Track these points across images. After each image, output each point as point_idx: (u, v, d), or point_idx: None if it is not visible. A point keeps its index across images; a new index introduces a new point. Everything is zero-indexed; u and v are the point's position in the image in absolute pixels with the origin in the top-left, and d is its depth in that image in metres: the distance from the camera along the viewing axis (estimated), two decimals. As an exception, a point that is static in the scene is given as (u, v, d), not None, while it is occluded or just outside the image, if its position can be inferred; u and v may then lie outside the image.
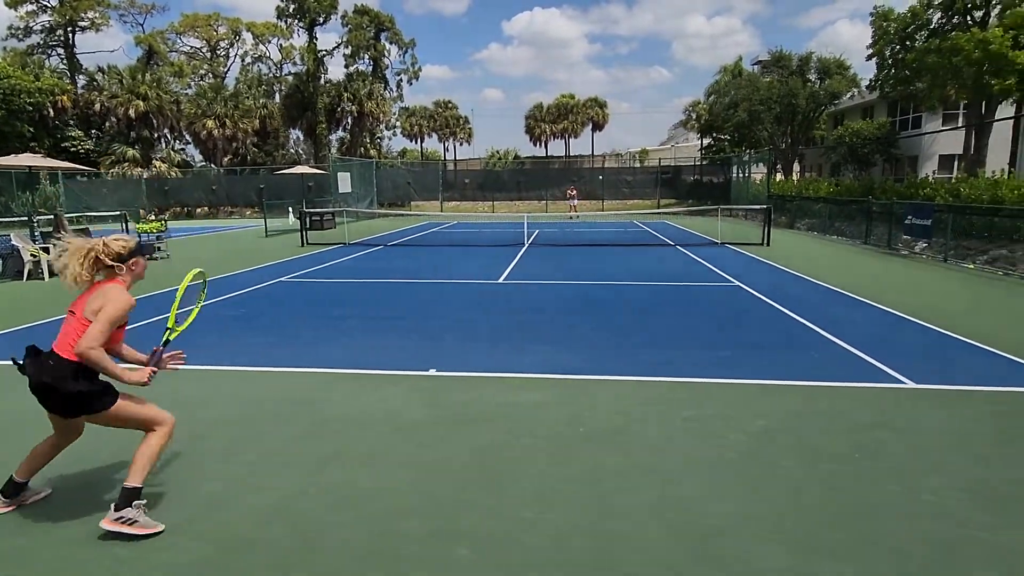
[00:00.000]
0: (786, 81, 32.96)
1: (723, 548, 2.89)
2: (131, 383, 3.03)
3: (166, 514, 3.20)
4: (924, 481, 3.50)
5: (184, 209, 36.53)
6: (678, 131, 64.29)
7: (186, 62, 51.62)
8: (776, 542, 2.93)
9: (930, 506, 3.24)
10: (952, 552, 2.83)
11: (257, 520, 3.17)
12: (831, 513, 3.19)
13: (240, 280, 11.30)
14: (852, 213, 18.59)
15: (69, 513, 3.23)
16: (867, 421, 4.39)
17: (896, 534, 2.98)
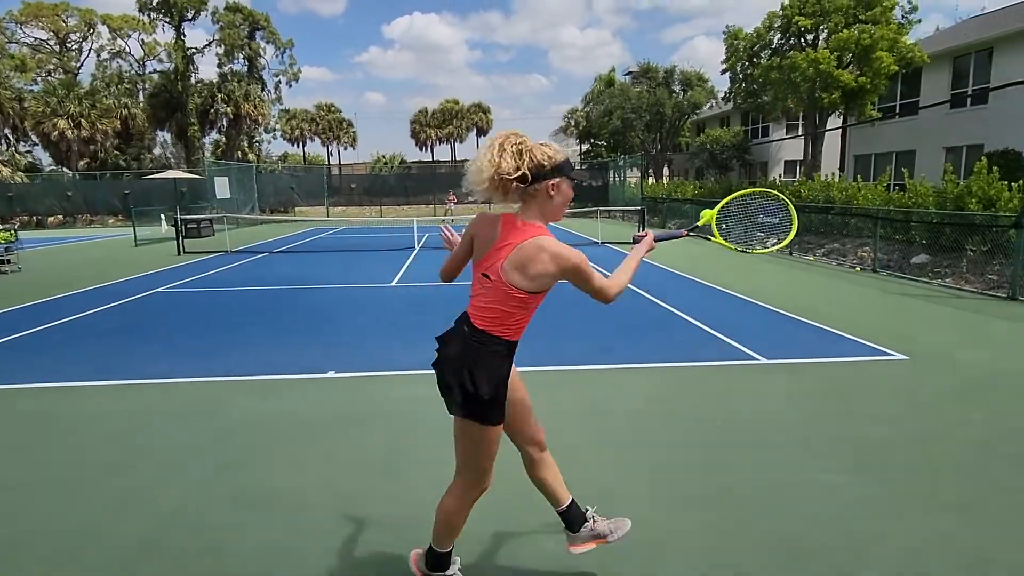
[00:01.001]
0: (654, 91, 35.40)
1: (609, 509, 3.34)
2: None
3: (44, 542, 3.16)
4: (769, 439, 4.18)
5: (33, 218, 32.97)
6: (558, 137, 66.66)
7: (30, 55, 46.47)
8: (654, 499, 3.42)
9: (774, 458, 3.89)
10: (790, 493, 3.46)
11: (153, 530, 3.19)
12: (696, 471, 3.75)
13: (111, 292, 10.58)
14: (715, 213, 20.41)
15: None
16: (723, 392, 5.09)
17: (749, 483, 3.58)
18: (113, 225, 32.21)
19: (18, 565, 2.89)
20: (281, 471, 3.82)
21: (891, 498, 3.36)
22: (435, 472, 3.74)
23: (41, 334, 7.61)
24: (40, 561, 2.91)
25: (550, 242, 2.16)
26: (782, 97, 21.46)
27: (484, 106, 65.94)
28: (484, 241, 2.25)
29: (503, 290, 2.16)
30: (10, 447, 4.26)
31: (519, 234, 2.16)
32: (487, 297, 2.21)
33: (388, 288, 10.68)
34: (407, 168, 54.36)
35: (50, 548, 3.02)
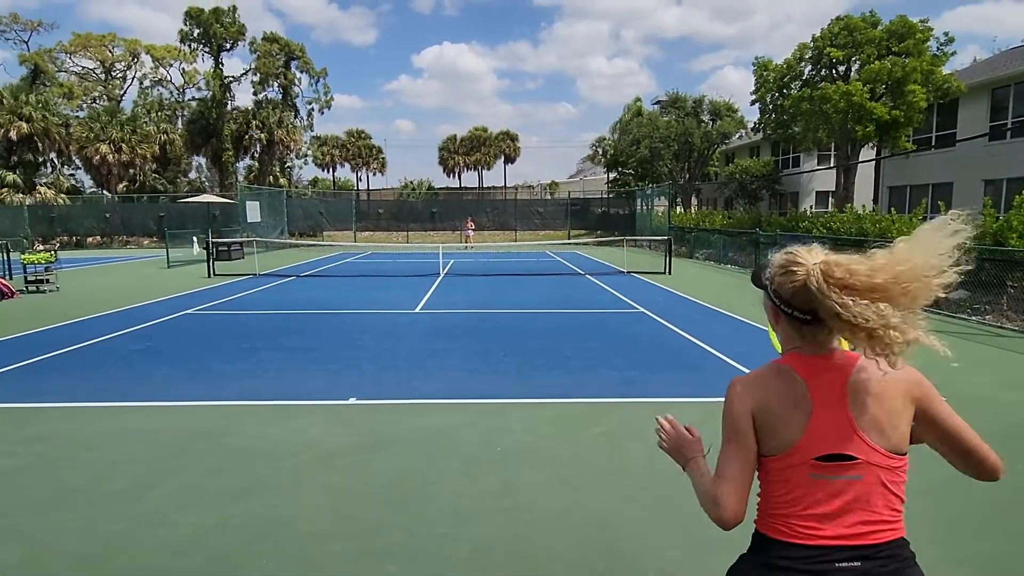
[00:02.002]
0: (682, 121, 35.39)
1: (628, 546, 3.22)
2: None
3: (66, 559, 3.16)
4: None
5: (73, 239, 34.06)
6: (586, 165, 67.08)
7: (77, 83, 48.55)
8: (675, 537, 3.29)
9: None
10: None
11: (171, 555, 3.18)
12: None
13: (144, 313, 10.80)
14: (743, 244, 20.18)
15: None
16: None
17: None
18: (147, 247, 33.08)
19: (31, 589, 2.88)
20: (298, 498, 3.78)
21: (929, 549, 3.18)
22: (452, 505, 3.68)
23: (72, 354, 7.76)
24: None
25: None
26: (813, 128, 21.27)
27: (512, 133, 66.75)
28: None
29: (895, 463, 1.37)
30: (35, 466, 4.30)
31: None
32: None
33: (412, 314, 10.70)
34: (434, 194, 55.03)
35: (69, 571, 3.00)
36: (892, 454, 1.34)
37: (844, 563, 1.30)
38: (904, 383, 1.38)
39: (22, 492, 3.89)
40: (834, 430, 1.33)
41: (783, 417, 1.35)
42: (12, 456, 4.45)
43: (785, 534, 1.35)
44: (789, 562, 1.33)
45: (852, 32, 20.39)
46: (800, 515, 1.34)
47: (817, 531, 1.32)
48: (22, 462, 4.35)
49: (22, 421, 5.22)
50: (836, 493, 1.32)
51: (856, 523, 1.32)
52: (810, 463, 1.33)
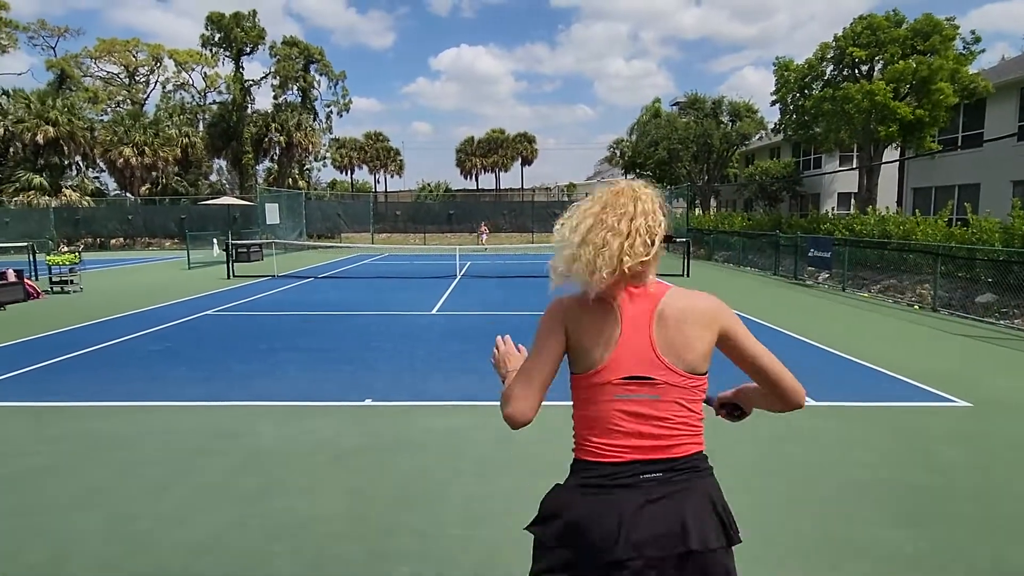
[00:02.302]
0: (701, 122, 35.12)
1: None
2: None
3: (90, 557, 3.19)
4: (817, 486, 3.94)
5: (97, 240, 34.68)
6: (604, 167, 66.87)
7: (102, 88, 49.48)
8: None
9: (825, 504, 3.65)
10: (839, 545, 3.23)
11: (192, 554, 3.20)
12: (739, 517, 3.54)
13: (163, 313, 10.95)
14: (763, 246, 19.95)
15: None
16: (773, 435, 4.84)
17: (795, 533, 3.36)
18: (169, 248, 33.57)
19: (51, 587, 2.91)
20: (314, 498, 3.79)
21: (948, 556, 3.09)
22: (466, 508, 3.66)
23: (95, 354, 7.88)
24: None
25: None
26: (835, 129, 20.96)
27: (529, 135, 66.78)
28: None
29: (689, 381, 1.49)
30: (58, 465, 4.36)
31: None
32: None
33: (428, 316, 10.72)
34: (452, 196, 55.21)
35: (91, 570, 3.03)
36: (688, 374, 1.46)
37: (647, 475, 1.41)
38: (705, 311, 1.54)
39: (45, 492, 3.94)
40: (638, 352, 1.43)
41: (595, 338, 1.45)
42: (36, 455, 4.52)
43: (594, 454, 1.45)
44: (600, 479, 1.42)
45: (875, 31, 20.07)
46: (605, 434, 1.44)
47: (622, 448, 1.43)
48: (46, 461, 4.42)
49: (45, 421, 5.30)
50: (638, 411, 1.43)
51: (656, 438, 1.43)
52: (615, 383, 1.43)
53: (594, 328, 1.46)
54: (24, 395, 6.03)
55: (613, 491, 1.40)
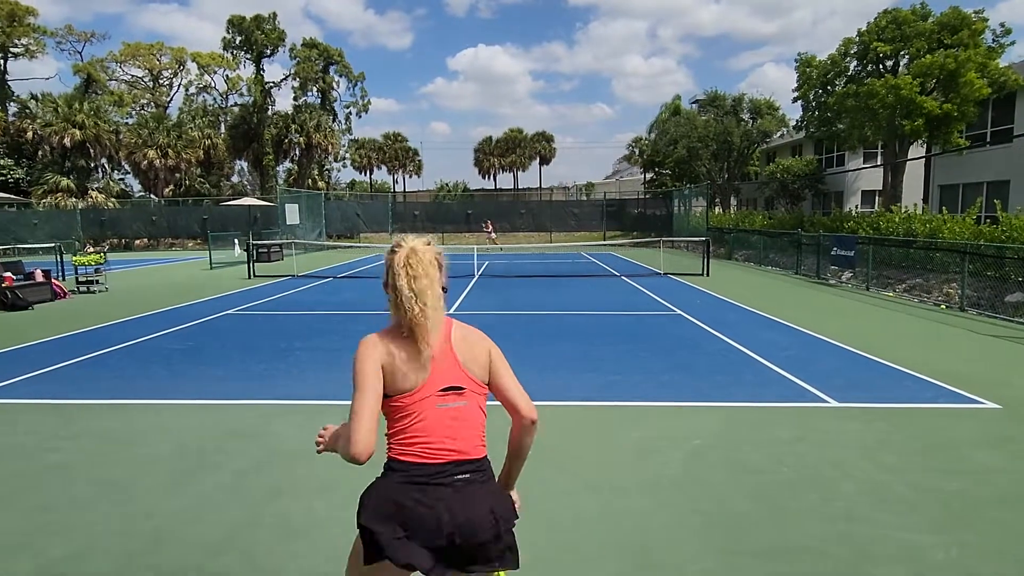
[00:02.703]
0: (721, 120, 34.75)
1: (658, 555, 3.13)
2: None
3: (109, 552, 3.22)
4: (838, 488, 3.84)
5: (122, 241, 35.30)
6: (623, 165, 66.50)
7: (127, 91, 50.40)
8: (707, 548, 3.18)
9: (848, 508, 3.57)
10: (861, 549, 3.15)
11: (207, 552, 3.21)
12: (757, 519, 3.47)
13: (185, 313, 11.09)
14: (784, 245, 19.67)
15: None
16: (791, 436, 4.75)
17: (815, 536, 3.28)
18: (192, 248, 34.05)
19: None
20: (331, 498, 3.79)
21: (978, 562, 2.99)
22: (482, 509, 3.63)
23: (118, 352, 8.00)
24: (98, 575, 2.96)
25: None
26: (859, 125, 20.59)
27: (547, 135, 66.63)
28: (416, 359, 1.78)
29: (484, 393, 1.86)
30: (79, 461, 4.42)
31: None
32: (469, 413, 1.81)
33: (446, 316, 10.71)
34: (470, 196, 55.29)
35: (110, 566, 3.06)
36: (483, 384, 1.84)
37: (460, 475, 1.72)
38: (483, 340, 1.91)
39: (67, 487, 3.99)
40: (448, 368, 1.78)
41: (410, 363, 1.76)
42: (58, 451, 4.59)
43: (419, 456, 1.73)
44: (426, 477, 1.71)
45: (900, 25, 19.67)
46: (428, 438, 1.73)
47: (443, 449, 1.73)
48: (68, 457, 4.48)
49: (69, 417, 5.38)
50: (454, 417, 1.75)
51: (467, 440, 1.76)
52: (435, 395, 1.75)
53: (408, 355, 1.77)
54: (50, 392, 6.13)
55: (435, 488, 1.70)
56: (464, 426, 1.77)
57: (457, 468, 1.74)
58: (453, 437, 1.75)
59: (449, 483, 1.72)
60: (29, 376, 6.75)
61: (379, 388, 1.76)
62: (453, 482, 1.72)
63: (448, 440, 1.74)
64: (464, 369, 1.81)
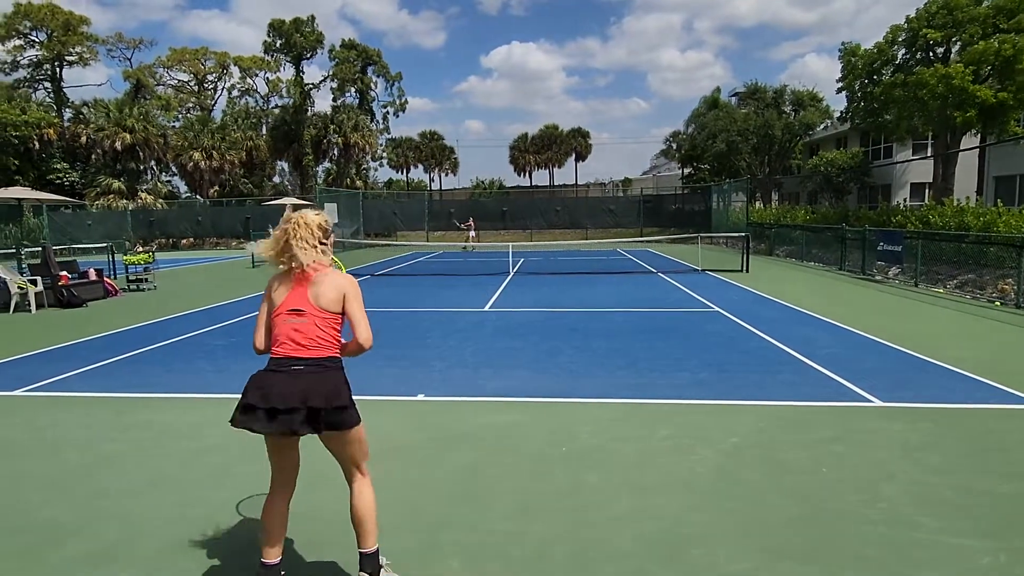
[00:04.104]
0: (762, 112, 34.01)
1: (693, 554, 3.10)
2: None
3: (157, 540, 3.35)
4: (880, 490, 3.74)
5: (169, 240, 36.53)
6: (660, 160, 65.65)
7: (173, 95, 52.07)
8: (743, 548, 3.14)
9: (891, 511, 3.47)
10: (904, 553, 3.06)
11: (250, 541, 3.31)
12: (795, 521, 3.41)
13: (229, 310, 11.43)
14: (828, 240, 19.15)
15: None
16: (831, 436, 4.64)
17: (855, 538, 3.20)
18: (235, 247, 34.99)
19: (126, 563, 3.07)
20: (365, 492, 3.86)
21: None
22: (517, 503, 3.66)
23: (166, 348, 8.30)
24: (147, 561, 3.08)
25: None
26: (907, 116, 19.91)
27: (583, 131, 66.33)
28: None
29: (324, 317, 2.67)
30: (132, 452, 4.61)
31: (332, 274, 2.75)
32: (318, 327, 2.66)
33: (481, 313, 10.79)
34: (505, 193, 55.37)
35: (161, 551, 3.19)
36: (324, 311, 2.64)
37: (297, 366, 2.59)
38: (338, 280, 2.69)
39: (121, 476, 4.17)
40: (299, 296, 2.64)
41: (279, 292, 2.68)
42: (113, 442, 4.79)
43: (275, 352, 2.65)
44: (277, 364, 2.62)
45: (952, 11, 18.91)
46: (280, 341, 2.64)
47: (287, 348, 2.62)
48: (121, 448, 4.67)
49: (120, 410, 5.61)
50: (294, 328, 2.62)
51: (301, 342, 2.61)
52: (285, 312, 2.63)
53: (282, 287, 2.69)
54: (103, 386, 6.40)
55: (279, 371, 2.60)
56: (301, 334, 2.61)
57: (295, 360, 2.59)
58: (293, 340, 2.61)
59: (286, 370, 2.59)
60: (83, 371, 7.06)
61: (266, 306, 2.75)
62: (290, 368, 2.59)
63: (290, 343, 2.61)
64: (309, 300, 2.62)
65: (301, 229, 2.66)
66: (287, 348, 2.61)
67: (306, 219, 2.69)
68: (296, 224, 2.67)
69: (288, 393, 2.54)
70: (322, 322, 2.63)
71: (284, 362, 2.60)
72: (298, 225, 2.67)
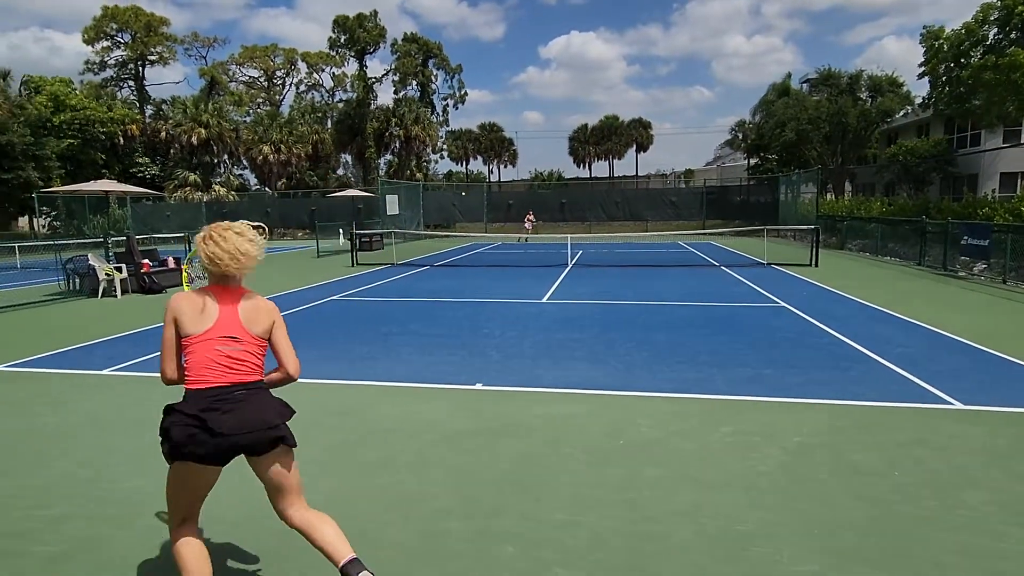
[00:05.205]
0: (835, 99, 32.43)
1: (755, 553, 3.00)
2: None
3: (228, 512, 3.50)
4: (962, 496, 3.52)
5: (240, 231, 38.18)
6: (725, 150, 63.72)
7: (245, 91, 54.24)
8: (809, 549, 3.01)
9: (971, 518, 3.26)
10: (986, 563, 2.87)
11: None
12: (866, 524, 3.25)
13: (296, 297, 11.85)
14: (906, 234, 18.11)
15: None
16: (907, 439, 4.39)
17: (932, 545, 3.02)
18: (301, 238, 36.23)
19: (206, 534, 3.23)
20: (425, 475, 3.93)
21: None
22: (572, 494, 3.64)
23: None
24: (217, 532, 3.23)
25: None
26: (999, 100, 18.56)
27: (644, 121, 65.18)
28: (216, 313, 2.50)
29: (259, 344, 2.55)
30: (202, 430, 4.83)
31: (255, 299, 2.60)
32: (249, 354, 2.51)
33: (539, 304, 10.78)
34: (564, 185, 55.08)
35: (232, 525, 3.34)
36: (257, 338, 2.51)
37: (237, 391, 2.41)
38: (267, 306, 2.57)
39: (192, 452, 4.39)
40: (231, 322, 2.46)
41: (199, 315, 2.43)
42: (186, 420, 5.04)
43: (205, 382, 2.39)
44: (214, 397, 2.37)
45: (1052, -15, 17.48)
46: (209, 371, 2.40)
47: (223, 377, 2.41)
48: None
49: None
50: (230, 356, 2.43)
51: (238, 370, 2.44)
52: (217, 339, 2.42)
53: (199, 310, 2.44)
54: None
55: (220, 407, 2.36)
56: (239, 362, 2.45)
57: (233, 389, 2.42)
58: (230, 368, 2.43)
59: (231, 399, 2.39)
60: (162, 352, 7.45)
61: (173, 334, 2.49)
62: (233, 397, 2.40)
63: (221, 369, 2.41)
64: (242, 324, 2.48)
65: (246, 241, 2.48)
66: (219, 375, 2.39)
67: (239, 229, 2.51)
68: (238, 233, 2.48)
69: (244, 421, 2.37)
70: (257, 349, 2.50)
71: (223, 391, 2.38)
72: (241, 234, 2.49)
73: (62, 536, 3.29)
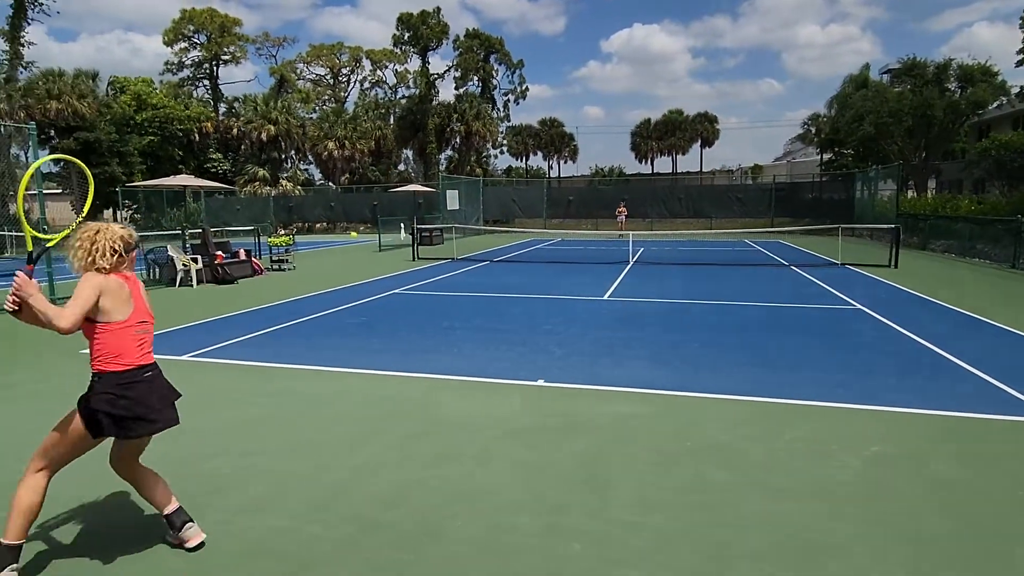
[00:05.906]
0: (920, 91, 30.58)
1: (831, 566, 2.86)
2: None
3: (300, 497, 3.61)
4: (1066, 519, 3.25)
5: (305, 224, 39.45)
6: (795, 146, 61.29)
7: (311, 89, 55.96)
8: (889, 562, 2.86)
9: (1073, 545, 3.01)
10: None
11: (381, 505, 3.49)
12: (953, 539, 3.05)
13: (360, 291, 12.15)
14: (998, 234, 16.92)
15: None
16: (999, 452, 4.10)
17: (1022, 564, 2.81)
18: (363, 232, 37.13)
19: (275, 515, 3.35)
20: (490, 468, 3.96)
21: None
22: (638, 494, 3.58)
23: (306, 323, 8.98)
24: (292, 515, 3.35)
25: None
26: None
27: (710, 115, 63.60)
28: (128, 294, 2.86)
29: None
30: (275, 416, 5.02)
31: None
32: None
33: (600, 302, 10.66)
34: (625, 180, 54.32)
35: (300, 508, 3.45)
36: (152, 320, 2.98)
37: (149, 372, 2.88)
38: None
39: (266, 437, 4.56)
40: (142, 308, 2.90)
41: (121, 301, 2.79)
42: (257, 406, 5.25)
43: (125, 365, 2.78)
44: (131, 377, 2.79)
45: None
46: (130, 353, 2.80)
47: (139, 358, 2.84)
48: (265, 412, 5.11)
49: (266, 377, 6.14)
50: (143, 338, 2.88)
51: (148, 350, 2.91)
52: (135, 324, 2.83)
53: (121, 297, 2.80)
54: (252, 355, 7.03)
55: (149, 379, 2.88)
56: (148, 344, 2.92)
57: (148, 369, 2.89)
58: (144, 350, 2.88)
59: (150, 378, 2.89)
60: (237, 340, 7.80)
61: (89, 309, 2.70)
62: (150, 377, 2.89)
63: (141, 352, 2.86)
64: (148, 308, 2.96)
65: (107, 236, 2.83)
66: (141, 356, 2.85)
67: (112, 228, 2.87)
68: (96, 232, 2.83)
69: (168, 392, 2.98)
70: (151, 328, 2.99)
71: (148, 368, 2.89)
72: (100, 232, 2.84)
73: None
